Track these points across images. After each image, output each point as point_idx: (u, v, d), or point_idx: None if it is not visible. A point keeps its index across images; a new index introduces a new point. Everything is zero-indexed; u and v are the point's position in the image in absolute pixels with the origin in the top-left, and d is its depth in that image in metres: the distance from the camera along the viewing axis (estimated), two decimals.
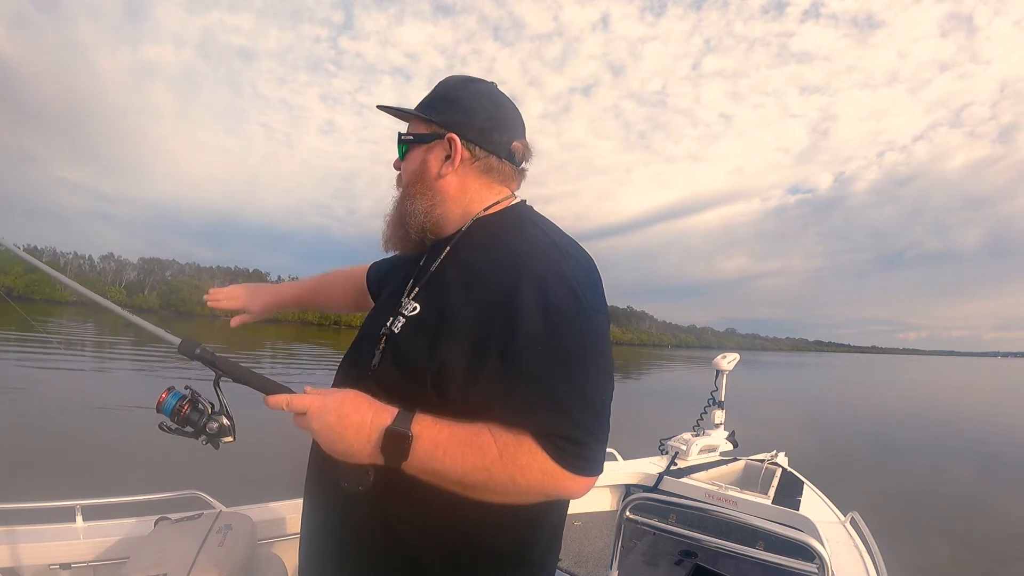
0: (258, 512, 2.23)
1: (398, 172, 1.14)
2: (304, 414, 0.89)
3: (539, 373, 0.85)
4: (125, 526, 2.06)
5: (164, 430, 1.00)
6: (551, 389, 0.85)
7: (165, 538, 1.81)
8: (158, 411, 0.99)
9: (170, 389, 1.00)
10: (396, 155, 1.13)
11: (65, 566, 1.91)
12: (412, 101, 1.13)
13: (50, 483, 5.40)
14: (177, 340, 1.06)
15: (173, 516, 1.99)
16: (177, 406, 0.99)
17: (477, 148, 1.05)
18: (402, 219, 1.09)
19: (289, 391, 0.95)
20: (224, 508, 2.11)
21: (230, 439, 1.02)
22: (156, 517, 2.01)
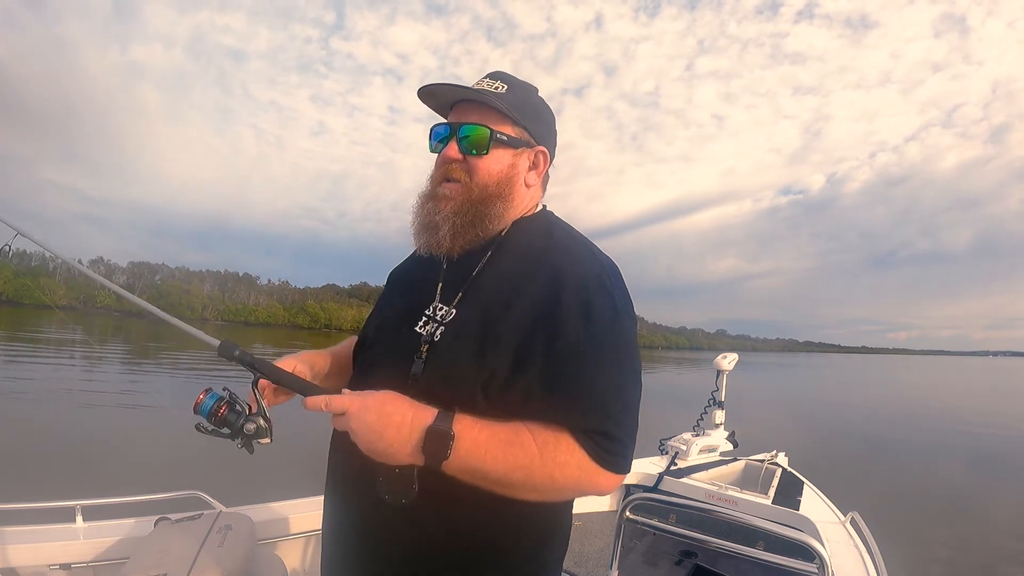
0: (258, 512, 2.22)
1: (453, 162, 1.04)
2: (343, 414, 0.89)
3: (578, 373, 0.88)
4: (125, 526, 2.04)
5: (201, 431, 0.98)
6: (589, 388, 0.88)
7: (165, 538, 1.80)
8: (195, 412, 0.97)
9: (208, 390, 0.98)
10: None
11: (65, 566, 1.89)
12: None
13: (50, 483, 5.36)
14: (217, 342, 1.04)
15: (173, 516, 1.98)
16: (215, 407, 0.97)
17: (551, 163, 1.12)
18: (479, 219, 1.03)
19: (327, 392, 0.94)
20: (224, 508, 2.10)
21: (267, 440, 0.99)
22: (156, 517, 2.00)
